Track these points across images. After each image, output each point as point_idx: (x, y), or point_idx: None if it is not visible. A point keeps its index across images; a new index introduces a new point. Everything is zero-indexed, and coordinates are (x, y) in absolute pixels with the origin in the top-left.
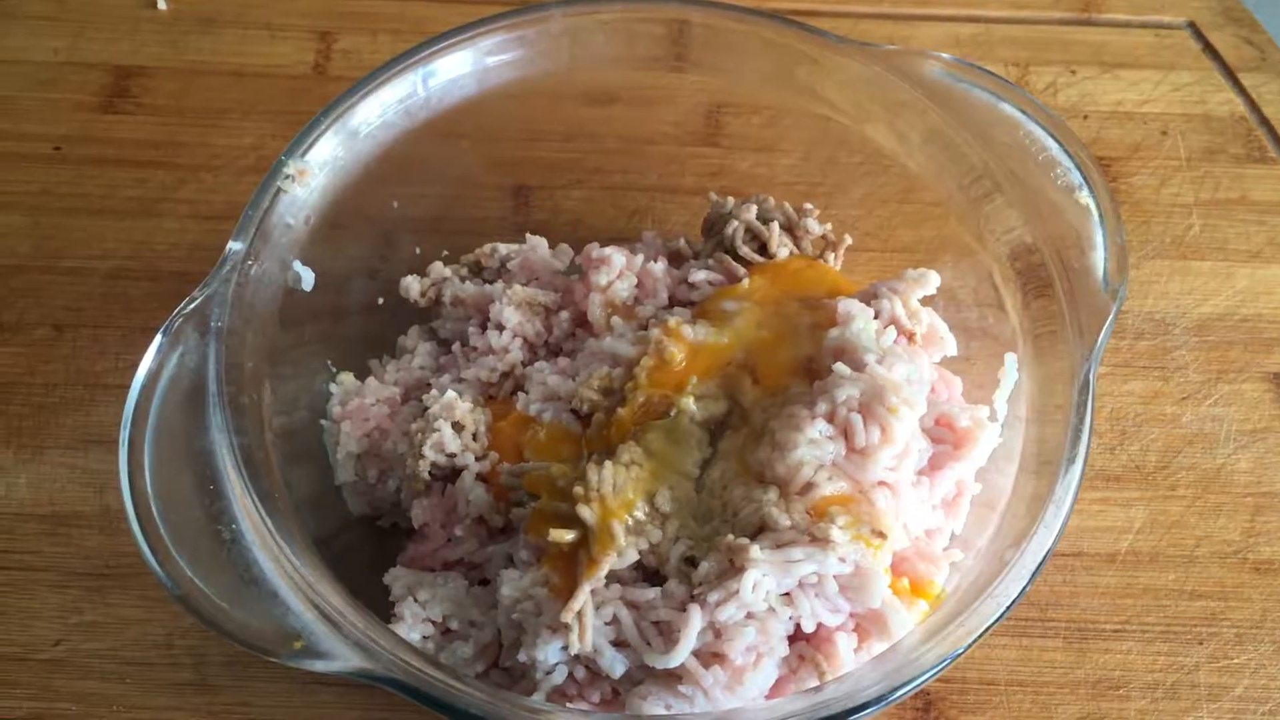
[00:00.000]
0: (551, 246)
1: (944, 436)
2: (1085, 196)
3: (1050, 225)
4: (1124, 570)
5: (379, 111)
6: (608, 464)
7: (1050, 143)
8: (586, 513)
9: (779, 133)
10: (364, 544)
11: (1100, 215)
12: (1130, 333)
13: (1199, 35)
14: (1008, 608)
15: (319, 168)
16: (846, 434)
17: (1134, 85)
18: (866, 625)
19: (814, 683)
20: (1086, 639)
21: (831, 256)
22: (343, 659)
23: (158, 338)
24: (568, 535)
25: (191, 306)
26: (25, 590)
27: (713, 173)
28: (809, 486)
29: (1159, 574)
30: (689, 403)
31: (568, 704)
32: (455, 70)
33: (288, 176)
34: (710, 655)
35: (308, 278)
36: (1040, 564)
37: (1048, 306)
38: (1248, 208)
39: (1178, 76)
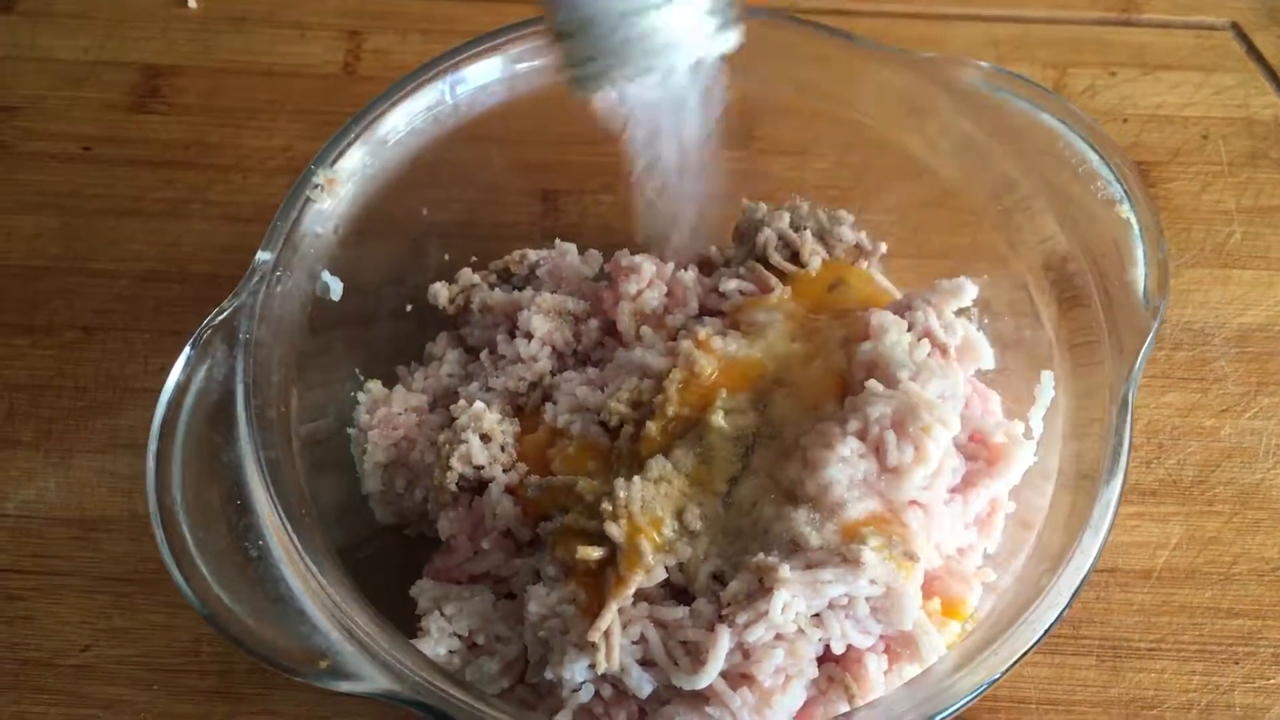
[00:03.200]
0: (580, 252)
1: (978, 453)
2: (1126, 210)
3: (1089, 237)
4: (1159, 587)
5: (407, 119)
6: (636, 480)
7: (1091, 154)
8: (614, 530)
9: (812, 136)
10: (391, 553)
11: (1141, 230)
12: (1168, 343)
13: (1242, 36)
14: (1043, 634)
15: (347, 176)
16: (879, 452)
17: (1175, 88)
18: (897, 647)
19: (843, 705)
20: (1120, 657)
21: (865, 264)
22: (369, 680)
23: (186, 350)
24: (595, 553)
25: (220, 318)
26: (53, 595)
27: (744, 175)
28: (840, 505)
29: (1195, 591)
30: (719, 418)
31: None
32: (484, 77)
33: (316, 186)
34: (739, 676)
35: (336, 287)
36: (1076, 591)
37: (1085, 318)
38: None
39: (1220, 79)
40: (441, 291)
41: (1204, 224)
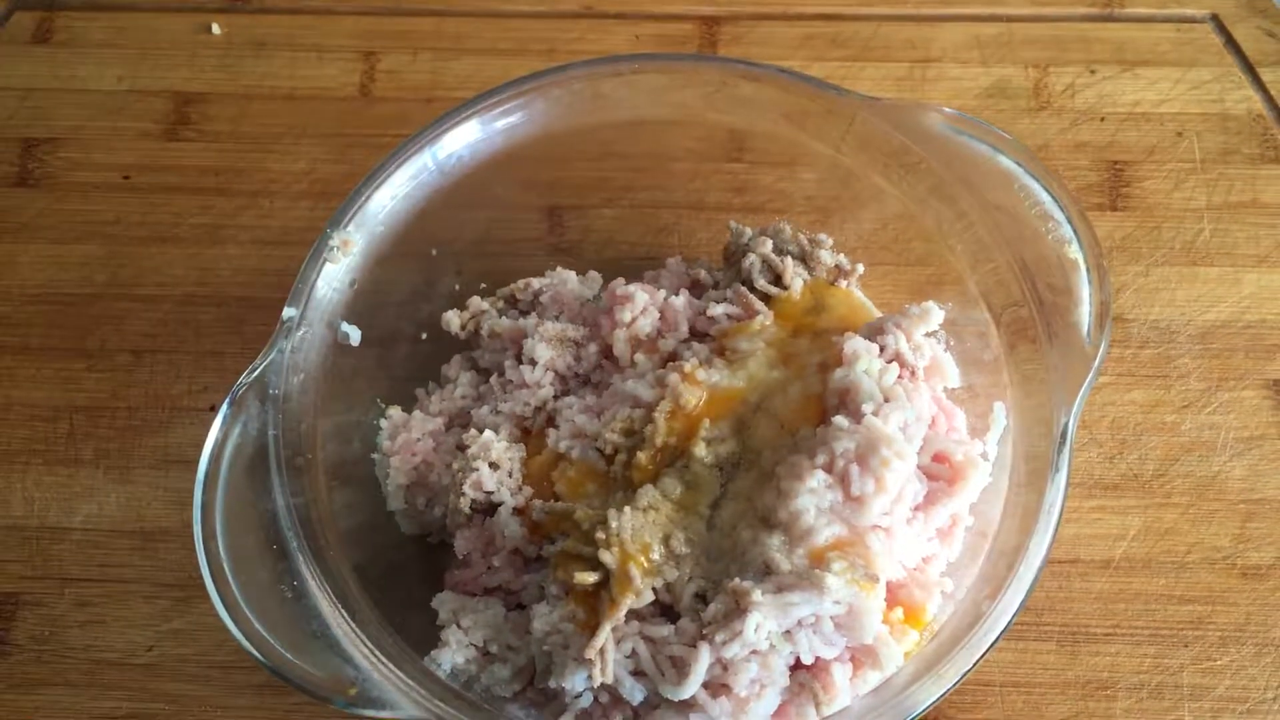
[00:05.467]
0: (583, 269)
1: (939, 473)
2: (1075, 251)
3: (1039, 276)
4: (1117, 576)
5: (412, 173)
6: (627, 510)
7: (1044, 196)
8: (607, 557)
9: (800, 152)
10: (415, 559)
11: (1088, 270)
12: (1135, 341)
13: (1221, 28)
14: (981, 656)
15: (358, 230)
16: (844, 483)
17: (1153, 85)
18: (861, 657)
19: (811, 710)
20: (1078, 642)
21: (845, 284)
22: (392, 707)
23: (223, 408)
24: (591, 578)
25: (253, 377)
26: (121, 601)
27: (736, 189)
28: (809, 532)
29: (1150, 580)
30: (701, 449)
31: None
32: (471, 136)
33: (332, 248)
34: (718, 686)
35: (355, 335)
36: (1009, 622)
37: (1032, 352)
38: (1258, 210)
39: (1197, 74)
40: (454, 319)
41: (1175, 222)
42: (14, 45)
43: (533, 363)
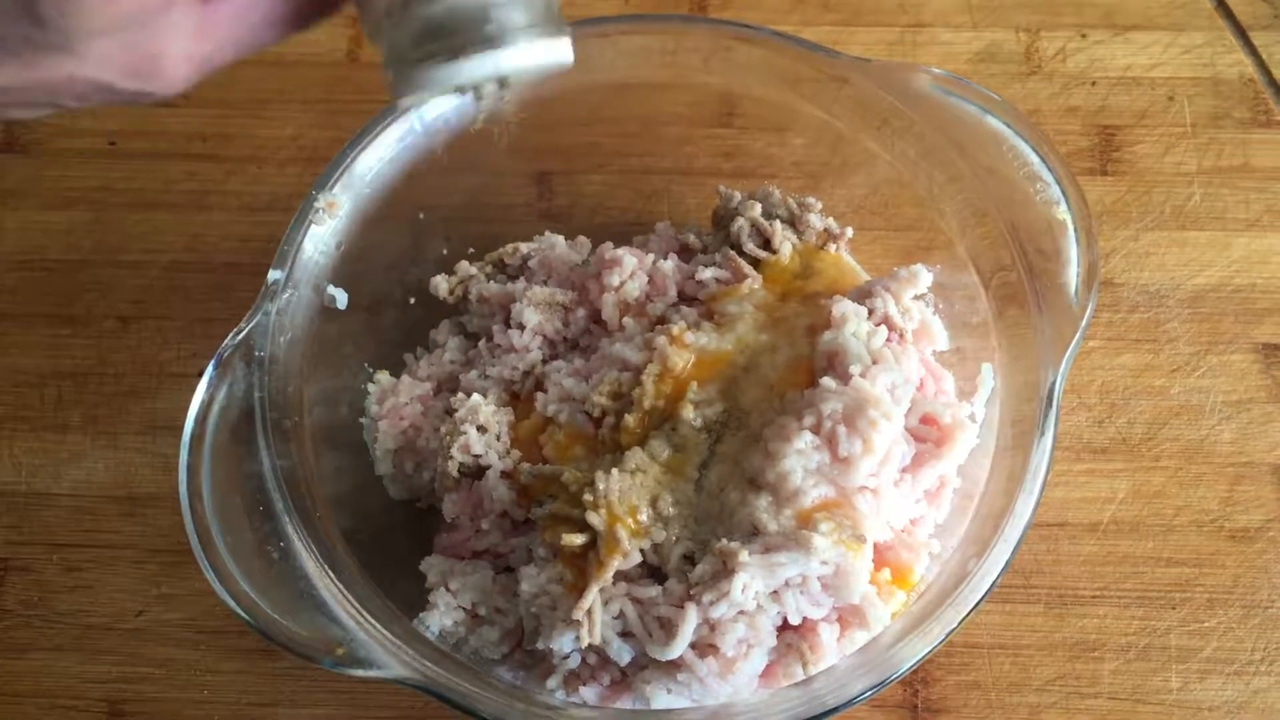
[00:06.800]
0: (572, 235)
1: (927, 435)
2: (1063, 211)
3: (1028, 237)
4: (1105, 539)
5: (398, 135)
6: (614, 472)
7: (1033, 157)
8: (595, 519)
9: (790, 116)
10: (404, 524)
11: (1076, 231)
12: (1125, 306)
13: None
14: (968, 613)
15: (345, 192)
16: (831, 444)
17: (1144, 49)
18: (848, 617)
19: (799, 669)
20: (1066, 605)
21: (834, 248)
22: (379, 666)
23: (209, 370)
24: (578, 539)
25: (239, 338)
26: (109, 566)
27: (726, 153)
28: (796, 493)
29: (1138, 542)
30: (689, 411)
31: (582, 686)
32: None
33: (318, 210)
34: (706, 646)
35: (342, 298)
36: (995, 581)
37: (1020, 314)
38: (1249, 175)
39: (1189, 38)
40: (441, 284)
41: (1165, 186)
42: None
43: (521, 327)
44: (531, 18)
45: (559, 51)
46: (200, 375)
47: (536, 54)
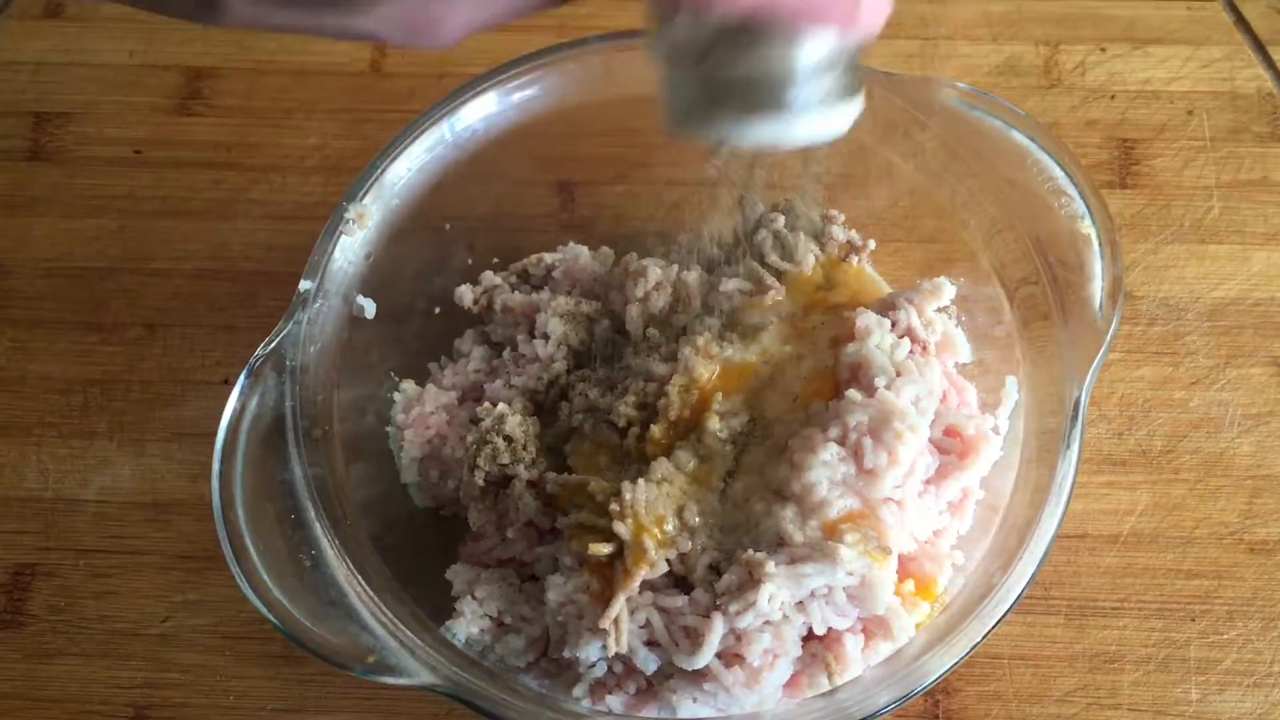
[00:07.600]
0: (595, 245)
1: (951, 447)
2: (1088, 225)
3: (1052, 251)
4: (1125, 551)
5: (428, 145)
6: (641, 482)
7: (1057, 171)
8: (621, 529)
9: None
10: (429, 532)
11: (1101, 246)
12: (1144, 319)
13: (1232, 7)
14: (993, 626)
15: (374, 203)
16: (857, 455)
17: (1163, 63)
18: (872, 628)
19: (824, 679)
20: (1086, 616)
21: (856, 260)
22: (409, 674)
23: (241, 379)
24: (605, 549)
25: (270, 348)
26: (135, 572)
27: (749, 164)
28: (822, 504)
29: (1158, 554)
30: (714, 422)
31: (608, 694)
32: (487, 109)
33: (348, 221)
34: (732, 656)
35: (370, 308)
36: (1020, 594)
37: (1045, 328)
38: (1268, 188)
39: (1207, 52)
40: (466, 294)
41: (1184, 200)
42: (26, 20)
43: (545, 337)
44: (830, 88)
45: (840, 123)
46: (225, 382)
47: (819, 128)
